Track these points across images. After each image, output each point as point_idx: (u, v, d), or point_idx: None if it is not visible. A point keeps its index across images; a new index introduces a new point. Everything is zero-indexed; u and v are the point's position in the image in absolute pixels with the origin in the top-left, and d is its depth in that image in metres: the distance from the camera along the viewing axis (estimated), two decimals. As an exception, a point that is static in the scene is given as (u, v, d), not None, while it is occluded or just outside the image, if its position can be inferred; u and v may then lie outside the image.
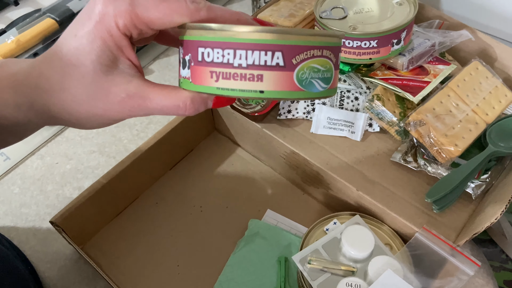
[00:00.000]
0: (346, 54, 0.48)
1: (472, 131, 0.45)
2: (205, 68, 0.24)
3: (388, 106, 0.48)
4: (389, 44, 0.46)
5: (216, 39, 0.23)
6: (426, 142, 0.44)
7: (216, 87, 0.24)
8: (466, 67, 0.49)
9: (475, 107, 0.46)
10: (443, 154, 0.44)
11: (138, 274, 0.47)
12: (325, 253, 0.43)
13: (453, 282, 0.40)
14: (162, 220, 0.51)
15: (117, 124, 0.60)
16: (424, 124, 0.44)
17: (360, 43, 0.46)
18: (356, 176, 0.46)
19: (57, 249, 0.49)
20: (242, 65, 0.23)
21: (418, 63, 0.50)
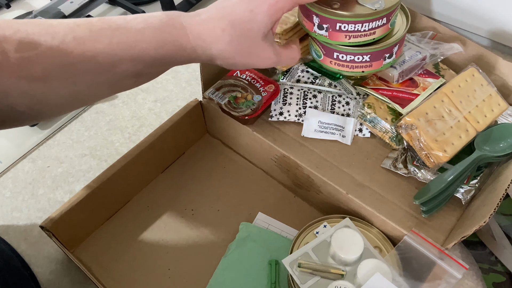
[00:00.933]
0: (339, 66, 0.49)
1: (462, 138, 0.46)
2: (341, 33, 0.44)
3: (380, 113, 0.49)
4: (382, 58, 0.47)
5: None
6: (415, 145, 0.45)
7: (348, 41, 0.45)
8: (462, 72, 0.49)
9: (467, 114, 0.47)
10: (431, 158, 0.44)
11: (129, 278, 0.47)
12: (315, 256, 0.44)
13: (441, 285, 0.40)
14: (153, 223, 0.51)
15: (108, 127, 0.61)
16: (415, 128, 0.44)
17: (353, 57, 0.47)
18: (346, 179, 0.46)
19: (49, 253, 0.49)
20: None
21: (408, 76, 0.51)
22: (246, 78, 0.53)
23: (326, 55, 0.49)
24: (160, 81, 0.67)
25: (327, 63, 0.50)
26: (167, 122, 0.53)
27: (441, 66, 0.55)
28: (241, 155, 0.57)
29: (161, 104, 0.64)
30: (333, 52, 0.48)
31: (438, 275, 0.40)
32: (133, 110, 0.63)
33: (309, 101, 0.52)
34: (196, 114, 0.56)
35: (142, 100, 0.64)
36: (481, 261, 0.47)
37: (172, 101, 0.64)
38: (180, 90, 0.65)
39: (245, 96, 0.51)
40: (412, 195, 0.45)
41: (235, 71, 0.54)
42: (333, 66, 0.49)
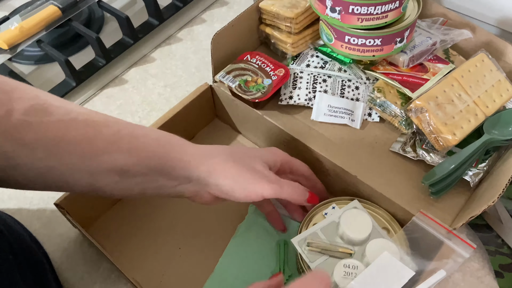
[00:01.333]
0: (350, 50, 0.49)
1: (471, 122, 0.46)
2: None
3: (389, 97, 0.49)
4: (393, 42, 0.48)
5: None
6: (425, 129, 0.45)
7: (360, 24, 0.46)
8: (472, 58, 0.50)
9: (477, 99, 0.47)
10: (440, 142, 0.45)
11: (141, 257, 0.48)
12: (324, 236, 0.44)
13: (448, 264, 0.41)
14: (164, 204, 0.52)
15: (119, 111, 0.61)
16: (425, 111, 0.45)
17: (364, 41, 0.47)
18: (355, 162, 0.47)
19: (61, 232, 0.50)
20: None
21: (418, 61, 0.52)
22: (256, 62, 0.54)
23: (337, 39, 0.49)
24: (170, 66, 0.67)
25: (338, 47, 0.50)
26: (177, 105, 0.53)
27: (451, 52, 0.55)
28: (250, 139, 0.58)
29: (170, 89, 0.64)
30: (345, 35, 0.48)
31: (446, 255, 0.41)
32: (143, 95, 0.64)
33: (318, 86, 0.53)
34: (206, 98, 0.56)
35: (152, 85, 0.65)
36: (488, 244, 0.47)
37: (181, 86, 0.65)
38: (189, 76, 0.66)
39: (256, 80, 0.52)
40: (421, 178, 0.45)
41: (246, 55, 0.55)
42: (344, 50, 0.50)
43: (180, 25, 0.73)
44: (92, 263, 0.48)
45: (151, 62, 0.68)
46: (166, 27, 0.72)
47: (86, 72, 0.64)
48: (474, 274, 0.46)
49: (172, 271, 0.47)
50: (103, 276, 0.47)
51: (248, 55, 0.55)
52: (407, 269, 0.39)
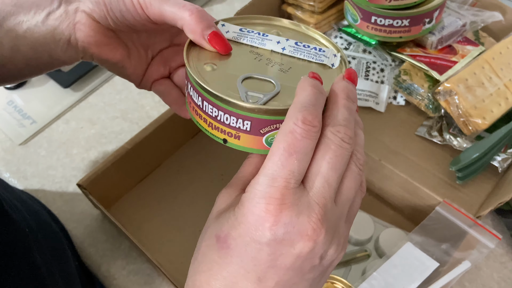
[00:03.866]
0: (377, 31, 0.47)
1: (501, 105, 0.44)
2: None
3: (416, 80, 0.48)
4: (421, 23, 0.46)
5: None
6: (453, 112, 0.44)
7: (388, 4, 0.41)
8: (504, 39, 0.48)
9: (508, 82, 0.45)
10: (469, 126, 0.43)
11: (161, 237, 0.48)
12: None
13: (473, 255, 0.40)
14: (183, 187, 0.52)
15: (139, 91, 0.61)
16: (454, 94, 0.43)
17: (392, 22, 0.45)
18: (379, 146, 0.46)
19: (83, 209, 0.50)
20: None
21: (447, 42, 0.50)
22: None
23: (363, 20, 0.48)
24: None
25: (363, 28, 0.48)
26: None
27: (481, 33, 0.53)
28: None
29: (189, 70, 0.64)
30: (371, 16, 0.46)
31: (471, 245, 0.40)
32: (162, 75, 0.63)
33: None
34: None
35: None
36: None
37: (201, 67, 0.64)
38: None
39: None
40: (447, 163, 0.44)
41: None
42: (370, 31, 0.48)
43: (201, 4, 0.71)
44: (114, 241, 0.49)
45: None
46: (186, 6, 0.71)
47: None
48: (497, 259, 0.45)
49: (192, 253, 0.47)
50: (125, 253, 0.48)
51: None
52: (431, 260, 0.38)
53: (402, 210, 0.48)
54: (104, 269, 0.47)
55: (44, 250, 0.39)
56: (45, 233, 0.43)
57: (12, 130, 0.57)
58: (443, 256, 0.40)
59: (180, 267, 0.46)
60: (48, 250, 0.40)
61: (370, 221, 0.46)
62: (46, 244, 0.41)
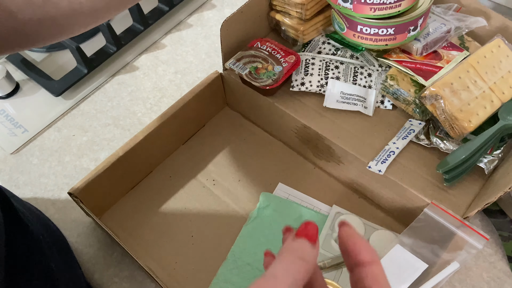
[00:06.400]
0: (363, 40, 0.48)
1: (487, 108, 0.45)
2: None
3: (402, 85, 0.49)
4: (406, 31, 0.47)
5: None
6: (440, 116, 0.44)
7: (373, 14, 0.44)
8: (488, 43, 0.48)
9: (493, 85, 0.46)
10: (456, 129, 0.44)
11: (154, 244, 0.49)
12: (328, 252, 0.46)
13: (462, 256, 0.41)
14: (176, 193, 0.52)
15: (130, 97, 0.61)
16: (440, 98, 0.44)
17: (377, 30, 0.46)
18: (367, 149, 0.47)
19: (76, 217, 0.51)
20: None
21: (432, 49, 0.50)
22: (267, 49, 0.53)
23: (349, 28, 0.48)
24: (180, 53, 0.67)
25: (350, 36, 0.49)
26: (188, 94, 0.53)
27: (465, 38, 0.54)
28: (261, 127, 0.58)
29: (181, 76, 0.64)
30: (357, 25, 0.47)
31: (459, 246, 0.41)
32: (154, 81, 0.64)
33: (331, 72, 0.52)
34: (217, 86, 0.56)
35: (163, 72, 0.65)
36: (501, 229, 0.47)
37: (192, 72, 0.64)
38: (200, 62, 0.65)
39: (266, 67, 0.51)
40: (434, 165, 0.45)
41: (256, 42, 0.54)
42: (356, 39, 0.49)
43: (190, 11, 0.72)
44: (106, 248, 0.49)
45: (161, 49, 0.68)
46: (176, 13, 0.71)
47: (97, 59, 0.64)
48: (486, 259, 0.46)
49: (184, 258, 0.48)
50: (117, 261, 0.48)
51: (258, 42, 0.54)
52: (420, 262, 0.39)
53: (392, 212, 0.49)
54: (97, 277, 0.47)
55: (56, 257, 0.39)
56: (55, 241, 0.44)
57: (3, 139, 0.58)
58: (432, 257, 0.41)
59: (172, 273, 0.47)
60: (60, 257, 0.41)
61: (360, 224, 0.46)
62: (56, 251, 0.41)
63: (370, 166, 0.45)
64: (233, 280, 0.45)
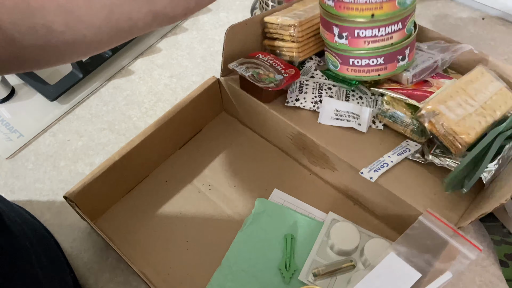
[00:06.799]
0: (356, 72, 0.50)
1: (481, 123, 0.46)
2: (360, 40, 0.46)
3: (398, 108, 0.50)
4: (395, 60, 0.49)
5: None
6: (439, 131, 0.45)
7: (367, 47, 0.47)
8: (472, 72, 0.50)
9: (484, 105, 0.47)
10: (457, 143, 0.45)
11: (148, 249, 0.49)
12: (322, 260, 0.46)
13: (454, 266, 0.41)
14: (171, 198, 0.53)
15: (126, 102, 0.61)
16: (437, 114, 0.45)
17: (368, 61, 0.49)
18: (361, 159, 0.47)
19: (71, 222, 0.51)
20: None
21: (421, 76, 0.52)
22: (268, 60, 0.54)
23: (342, 64, 0.50)
24: (175, 57, 0.67)
25: (344, 72, 0.51)
26: (185, 99, 0.53)
27: (450, 71, 0.55)
28: (257, 133, 0.58)
29: (176, 80, 0.64)
30: (349, 59, 0.49)
31: (452, 255, 0.41)
32: (149, 86, 0.64)
33: (324, 92, 0.53)
34: (214, 91, 0.56)
35: (158, 76, 0.65)
36: (494, 233, 0.48)
37: (187, 76, 0.64)
38: (195, 66, 0.66)
39: (268, 74, 0.52)
40: (429, 177, 0.45)
41: (258, 54, 0.55)
42: (350, 73, 0.51)
43: (187, 14, 0.72)
44: (101, 253, 0.49)
45: (157, 53, 0.68)
46: (173, 16, 0.71)
47: (93, 63, 0.64)
48: (479, 263, 0.47)
49: (179, 264, 0.48)
50: (112, 266, 0.48)
51: (260, 54, 0.55)
52: (414, 271, 0.39)
53: (386, 219, 0.49)
54: (92, 282, 0.47)
55: (44, 263, 0.39)
56: (44, 247, 0.44)
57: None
58: (425, 266, 0.41)
59: (167, 278, 0.47)
60: (48, 263, 0.41)
61: (355, 231, 0.47)
62: (45, 257, 0.41)
63: (362, 172, 0.46)
64: (227, 286, 0.45)
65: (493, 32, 0.67)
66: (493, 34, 0.67)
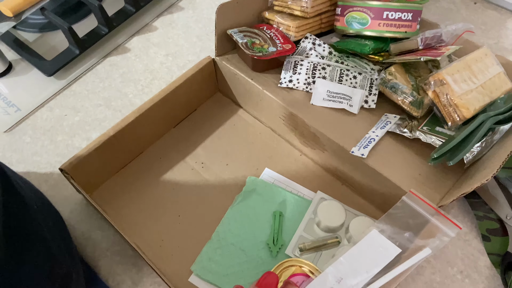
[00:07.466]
0: (387, 27, 0.53)
1: (480, 101, 0.48)
2: None
3: (400, 80, 0.50)
4: (417, 20, 0.52)
5: None
6: (442, 101, 0.47)
7: None
8: (477, 51, 0.51)
9: (483, 84, 0.49)
10: (456, 114, 0.47)
11: (141, 223, 0.50)
12: (309, 236, 0.48)
13: (434, 243, 0.43)
14: (165, 174, 0.54)
15: (122, 79, 0.62)
16: (444, 84, 0.46)
17: (400, 15, 0.52)
18: (351, 139, 0.48)
19: (68, 194, 0.52)
20: None
21: (430, 42, 0.53)
22: (270, 33, 0.55)
23: (374, 18, 0.52)
24: (171, 35, 0.67)
25: (375, 27, 0.53)
26: (180, 78, 0.54)
27: (453, 57, 0.55)
28: (250, 114, 0.59)
29: (172, 58, 0.65)
30: (383, 11, 0.52)
31: (432, 233, 0.43)
32: (145, 64, 0.64)
33: (318, 72, 0.53)
34: (209, 71, 0.57)
35: (154, 54, 0.65)
36: (477, 209, 0.50)
37: (183, 55, 0.65)
38: (191, 45, 0.66)
39: (262, 45, 0.53)
40: (414, 158, 0.47)
41: (264, 25, 0.56)
42: (382, 27, 0.53)
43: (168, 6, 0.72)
44: (98, 224, 0.50)
45: (153, 31, 0.68)
46: (170, -5, 0.71)
47: (89, 40, 0.65)
48: (462, 237, 0.49)
49: (171, 237, 0.49)
50: (108, 237, 0.49)
51: (265, 26, 0.56)
52: (394, 247, 0.41)
53: (372, 199, 0.51)
54: (89, 251, 0.49)
55: (49, 224, 0.41)
56: (49, 212, 0.45)
57: (-4, 117, 0.58)
58: (406, 243, 0.43)
59: (158, 250, 0.48)
60: (52, 225, 0.42)
61: (342, 210, 0.48)
62: (50, 220, 0.42)
63: (353, 151, 0.47)
64: (216, 258, 0.47)
65: (484, 17, 0.68)
66: (484, 19, 0.68)
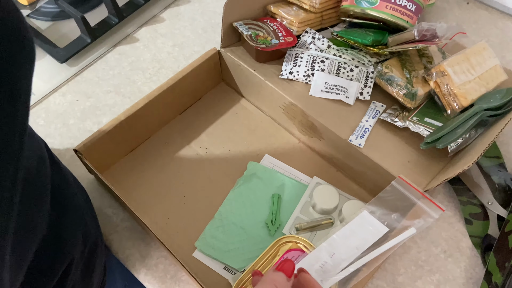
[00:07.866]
0: (393, 11, 0.55)
1: (477, 92, 0.52)
2: None
3: (396, 73, 0.54)
4: (417, 16, 0.55)
5: None
6: (443, 91, 0.51)
7: None
8: (475, 45, 0.55)
9: (480, 76, 0.53)
10: (455, 103, 0.51)
11: (148, 202, 0.54)
12: (305, 217, 0.52)
13: (419, 223, 0.47)
14: (171, 157, 0.57)
15: (131, 67, 0.65)
16: (445, 75, 0.51)
17: (406, 3, 0.54)
18: (346, 128, 0.52)
19: (80, 174, 0.55)
20: None
21: (426, 32, 0.56)
22: (273, 26, 0.58)
23: (383, 0, 0.55)
24: (178, 27, 0.70)
25: (382, 8, 0.55)
26: (186, 68, 0.57)
27: (447, 54, 0.59)
28: (252, 103, 0.62)
29: (179, 49, 0.68)
30: None
31: (418, 214, 0.47)
32: (153, 53, 0.67)
33: (317, 65, 0.57)
34: (214, 62, 0.60)
35: (162, 44, 0.68)
36: (461, 195, 0.54)
37: (189, 46, 0.68)
38: (196, 37, 0.69)
39: (266, 37, 0.56)
40: (405, 145, 0.50)
41: (268, 19, 0.60)
42: (388, 10, 0.55)
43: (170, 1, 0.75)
44: (108, 202, 0.54)
45: (160, 22, 0.71)
46: (177, -12, 0.74)
47: (100, 29, 0.67)
48: (446, 220, 0.52)
49: (176, 216, 0.53)
50: (118, 213, 0.53)
51: (268, 19, 0.59)
52: (382, 226, 0.44)
53: (364, 185, 0.54)
54: (101, 226, 0.52)
55: (82, 199, 0.44)
56: (79, 185, 0.48)
57: (11, 100, 0.61)
58: (394, 223, 0.47)
59: (164, 227, 0.52)
60: (83, 200, 0.45)
61: (336, 194, 0.52)
62: (80, 194, 0.46)
63: (351, 139, 0.51)
64: (219, 236, 0.51)
65: (476, 16, 0.72)
66: (476, 18, 0.72)
